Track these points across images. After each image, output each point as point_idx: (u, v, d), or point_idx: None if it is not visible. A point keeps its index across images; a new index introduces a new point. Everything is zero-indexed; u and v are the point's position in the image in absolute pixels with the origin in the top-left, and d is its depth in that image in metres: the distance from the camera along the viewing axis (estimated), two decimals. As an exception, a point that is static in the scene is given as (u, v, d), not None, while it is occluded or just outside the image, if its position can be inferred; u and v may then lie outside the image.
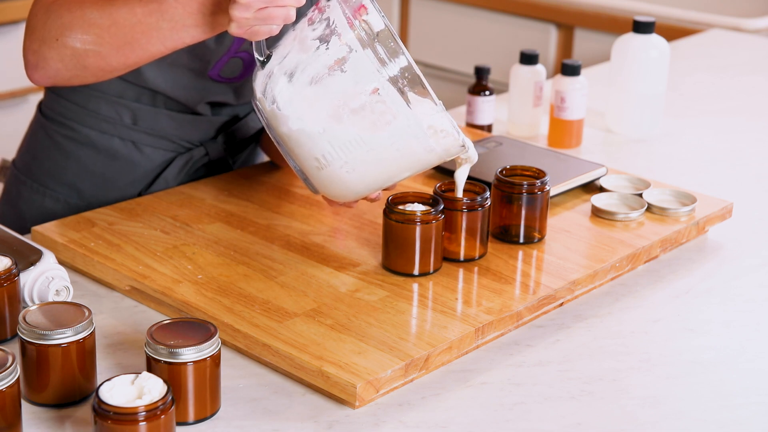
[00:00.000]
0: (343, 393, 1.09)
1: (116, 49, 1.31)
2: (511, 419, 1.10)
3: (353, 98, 1.19)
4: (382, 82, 1.18)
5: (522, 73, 1.86)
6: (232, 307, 1.21)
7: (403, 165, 1.24)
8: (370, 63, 1.18)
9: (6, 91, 2.86)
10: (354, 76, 1.19)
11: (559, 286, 1.29)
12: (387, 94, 1.18)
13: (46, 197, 1.56)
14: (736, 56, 2.49)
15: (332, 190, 1.27)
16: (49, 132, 1.56)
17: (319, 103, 1.20)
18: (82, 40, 1.31)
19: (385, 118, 1.19)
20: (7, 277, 1.17)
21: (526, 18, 3.12)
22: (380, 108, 1.19)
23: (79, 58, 1.33)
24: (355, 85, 1.19)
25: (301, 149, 1.23)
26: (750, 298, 1.36)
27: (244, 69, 1.50)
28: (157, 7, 1.28)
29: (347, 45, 1.19)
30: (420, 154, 1.23)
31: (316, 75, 1.20)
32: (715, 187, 1.65)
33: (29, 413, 1.07)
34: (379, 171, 1.24)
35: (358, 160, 1.22)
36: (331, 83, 1.19)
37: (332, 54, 1.19)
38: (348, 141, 1.21)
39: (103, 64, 1.33)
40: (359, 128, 1.20)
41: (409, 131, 1.20)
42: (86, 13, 1.31)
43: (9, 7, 2.77)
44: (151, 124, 1.53)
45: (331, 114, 1.20)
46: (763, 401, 1.15)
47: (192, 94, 1.51)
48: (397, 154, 1.22)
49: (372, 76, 1.18)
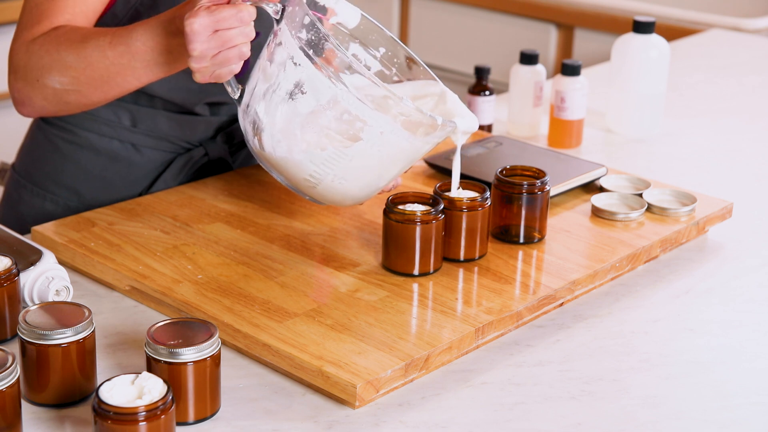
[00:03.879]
0: (343, 393, 1.09)
1: (94, 88, 1.35)
2: (511, 419, 1.10)
3: (320, 115, 1.21)
4: (340, 92, 1.19)
5: (522, 73, 1.86)
6: (232, 307, 1.21)
7: (393, 161, 1.25)
8: (323, 77, 1.19)
9: (6, 91, 2.86)
10: (314, 94, 1.20)
11: (559, 286, 1.29)
12: (349, 102, 1.20)
13: (46, 200, 1.56)
14: (736, 56, 2.49)
15: (335, 200, 1.29)
16: (48, 135, 1.56)
17: (292, 126, 1.23)
18: (61, 81, 1.35)
19: (356, 126, 1.21)
20: (7, 277, 1.17)
21: (526, 18, 3.12)
22: (348, 118, 1.20)
23: (60, 97, 1.37)
24: (317, 103, 1.20)
25: (290, 173, 1.26)
26: (750, 298, 1.36)
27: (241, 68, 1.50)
28: (126, 49, 1.31)
29: (300, 64, 1.20)
30: (405, 147, 1.23)
31: (282, 101, 1.22)
32: (715, 187, 1.65)
33: (29, 413, 1.07)
34: (372, 173, 1.26)
35: (346, 170, 1.24)
36: (297, 106, 1.22)
37: (290, 78, 1.21)
38: (329, 157, 1.23)
39: (84, 101, 1.37)
40: (336, 141, 1.22)
41: (383, 131, 1.21)
42: (62, 56, 1.34)
43: (9, 7, 2.77)
44: (150, 126, 1.53)
45: (305, 136, 1.22)
46: (763, 401, 1.15)
47: (189, 95, 1.51)
48: (383, 153, 1.23)
49: (328, 89, 1.20)
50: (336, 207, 1.46)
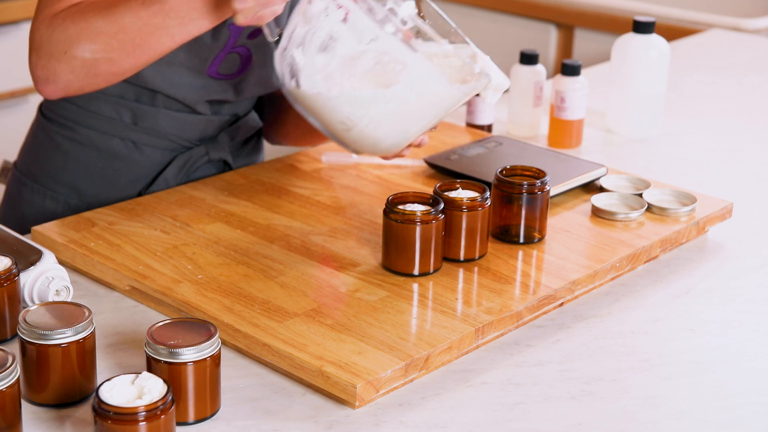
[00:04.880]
0: (343, 393, 1.09)
1: (126, 53, 1.32)
2: (511, 419, 1.10)
3: (360, 57, 1.23)
4: (382, 35, 1.22)
5: (522, 73, 1.86)
6: (232, 307, 1.21)
7: (428, 109, 1.27)
8: (366, 19, 1.22)
9: (6, 91, 2.86)
10: (356, 35, 1.22)
11: (559, 286, 1.29)
12: (390, 45, 1.22)
13: (46, 198, 1.56)
14: (736, 56, 2.49)
15: (367, 147, 1.30)
16: (49, 133, 1.56)
17: (331, 68, 1.24)
18: (91, 50, 1.32)
19: (395, 69, 1.22)
20: (7, 277, 1.17)
21: (526, 18, 3.12)
22: (387, 60, 1.22)
23: (90, 68, 1.34)
24: (359, 44, 1.22)
25: (326, 116, 1.27)
26: (750, 298, 1.36)
27: (242, 65, 1.51)
28: (160, 7, 1.29)
29: (344, 7, 1.22)
30: (442, 94, 1.25)
31: (322, 42, 1.24)
32: (715, 187, 1.65)
33: (29, 413, 1.07)
34: (407, 120, 1.27)
35: (381, 115, 1.25)
36: (337, 47, 1.23)
37: (333, 18, 1.23)
38: (366, 99, 1.24)
39: (114, 69, 1.34)
40: (373, 84, 1.24)
41: (422, 75, 1.23)
42: (91, 23, 1.31)
43: (9, 7, 2.77)
44: (152, 124, 1.53)
45: (343, 77, 1.24)
46: (763, 401, 1.15)
47: (191, 93, 1.51)
48: (419, 100, 1.25)
49: (370, 30, 1.22)
50: (335, 207, 1.46)
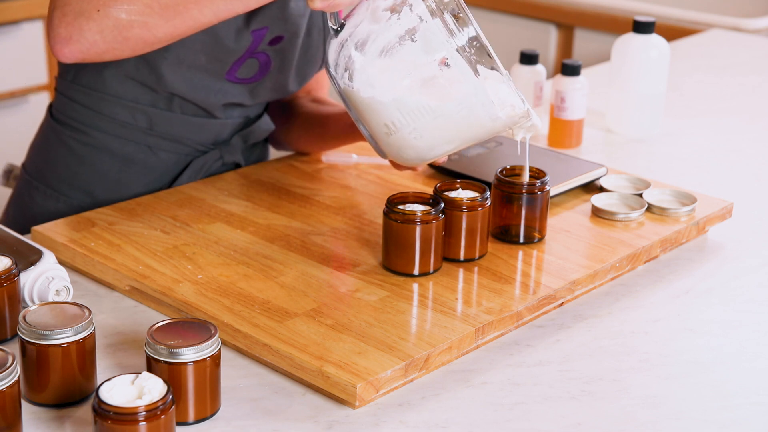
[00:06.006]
0: (343, 393, 1.09)
1: (165, 20, 1.28)
2: (511, 419, 1.10)
3: (423, 68, 1.22)
4: (451, 52, 1.21)
5: (522, 73, 1.86)
6: (232, 307, 1.21)
7: (469, 132, 1.27)
8: (439, 33, 1.21)
9: (6, 91, 2.86)
10: (424, 45, 1.22)
11: (559, 286, 1.29)
12: (456, 63, 1.21)
13: (59, 202, 1.55)
14: (736, 56, 2.49)
15: (400, 154, 1.30)
16: (61, 137, 1.55)
17: (390, 72, 1.23)
18: (128, 10, 1.27)
19: (453, 87, 1.22)
20: (7, 277, 1.17)
21: (526, 18, 3.12)
22: (449, 77, 1.22)
23: (121, 30, 1.28)
24: (425, 55, 1.22)
25: (372, 116, 1.27)
26: (750, 298, 1.36)
27: (260, 70, 1.50)
28: None
29: (418, 16, 1.22)
30: (485, 121, 1.25)
31: (387, 45, 1.23)
32: (715, 187, 1.65)
33: (29, 413, 1.07)
34: (446, 138, 1.27)
35: (426, 127, 1.25)
36: (401, 53, 1.23)
37: (403, 24, 1.22)
38: (417, 109, 1.24)
39: (147, 36, 1.29)
40: (428, 97, 1.23)
41: (476, 100, 1.23)
42: None
43: (9, 7, 2.77)
44: (167, 128, 1.52)
45: (401, 83, 1.23)
46: (763, 401, 1.15)
47: (209, 97, 1.50)
48: (464, 121, 1.25)
49: (441, 45, 1.21)
50: (335, 207, 1.46)
